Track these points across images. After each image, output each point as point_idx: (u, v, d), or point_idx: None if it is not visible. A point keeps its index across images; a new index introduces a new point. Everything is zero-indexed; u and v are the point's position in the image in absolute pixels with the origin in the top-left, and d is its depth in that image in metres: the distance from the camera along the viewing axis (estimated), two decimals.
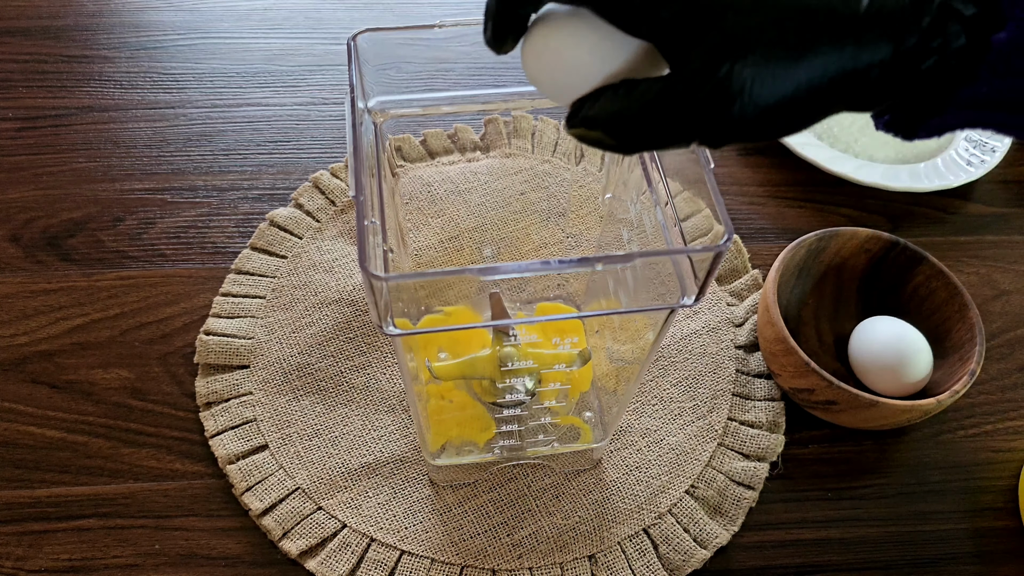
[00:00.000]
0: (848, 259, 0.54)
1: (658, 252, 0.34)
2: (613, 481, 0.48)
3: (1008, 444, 0.52)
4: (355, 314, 0.54)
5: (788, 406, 0.52)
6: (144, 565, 0.45)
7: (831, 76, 0.23)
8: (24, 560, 0.45)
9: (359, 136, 0.33)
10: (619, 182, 0.42)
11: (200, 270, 0.56)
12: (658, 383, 0.52)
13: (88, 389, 0.51)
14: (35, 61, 0.68)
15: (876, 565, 0.47)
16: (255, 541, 0.46)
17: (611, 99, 0.25)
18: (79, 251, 0.56)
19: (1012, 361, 0.56)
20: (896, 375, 0.49)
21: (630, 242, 0.41)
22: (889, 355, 0.49)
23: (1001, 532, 0.48)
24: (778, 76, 0.23)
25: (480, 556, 0.45)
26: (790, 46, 0.23)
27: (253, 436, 0.49)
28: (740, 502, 0.48)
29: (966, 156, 0.64)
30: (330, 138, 0.64)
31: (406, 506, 0.47)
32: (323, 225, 0.58)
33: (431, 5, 0.75)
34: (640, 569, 0.45)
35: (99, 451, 0.48)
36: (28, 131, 0.63)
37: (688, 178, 0.33)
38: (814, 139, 0.65)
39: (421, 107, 0.38)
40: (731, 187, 0.64)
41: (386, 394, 0.51)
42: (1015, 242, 0.62)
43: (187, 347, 0.52)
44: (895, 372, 0.49)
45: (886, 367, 0.49)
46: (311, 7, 0.74)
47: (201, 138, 0.64)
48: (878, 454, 0.51)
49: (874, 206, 0.63)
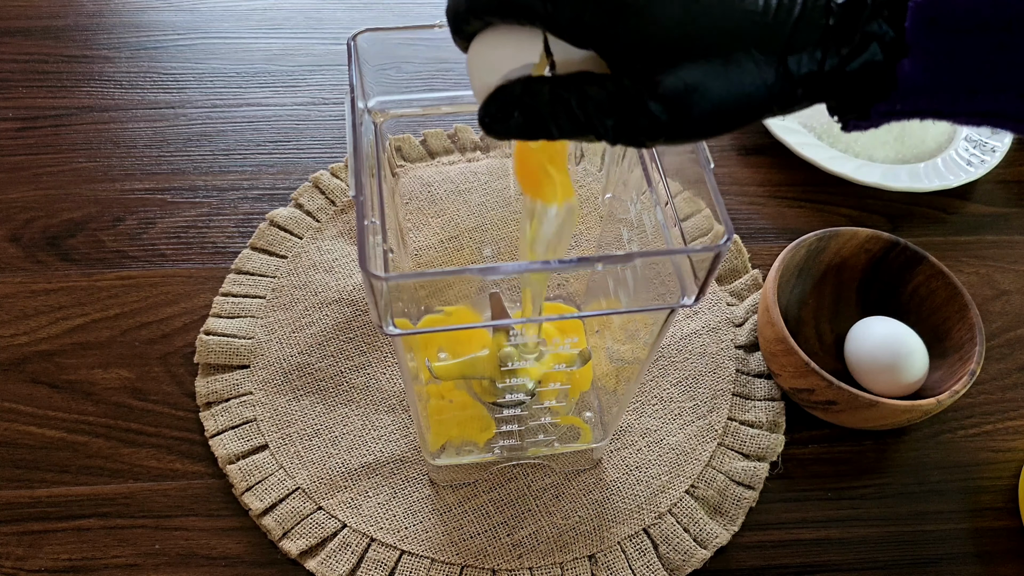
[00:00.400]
0: (848, 259, 0.54)
1: (658, 252, 0.34)
2: (613, 481, 0.48)
3: (1008, 444, 0.52)
4: (355, 314, 0.54)
5: (788, 406, 0.52)
6: (144, 565, 0.45)
7: (757, 87, 0.25)
8: (24, 560, 0.45)
9: (359, 136, 0.33)
10: (619, 182, 0.42)
11: (200, 270, 0.56)
12: (658, 383, 0.52)
13: (88, 389, 0.51)
14: (35, 61, 0.68)
15: (876, 565, 0.47)
16: (255, 541, 0.46)
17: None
18: (79, 251, 0.56)
19: (1012, 361, 0.56)
20: (891, 375, 0.49)
21: (630, 242, 0.41)
22: (884, 355, 0.49)
23: (1001, 532, 0.48)
24: (708, 85, 0.24)
25: (480, 556, 0.45)
26: (719, 59, 0.24)
27: (253, 436, 0.49)
28: (740, 502, 0.48)
29: (966, 156, 0.64)
30: (330, 138, 0.64)
31: (406, 506, 0.47)
32: (323, 225, 0.58)
33: (431, 5, 0.75)
34: (640, 569, 0.45)
35: (99, 451, 0.48)
36: (28, 131, 0.63)
37: (688, 178, 0.33)
38: (814, 139, 0.65)
39: (421, 107, 0.38)
40: (731, 187, 0.64)
41: (386, 394, 0.51)
42: (1015, 242, 0.62)
43: (187, 347, 0.52)
44: (890, 372, 0.49)
45: (882, 368, 0.49)
46: (311, 7, 0.74)
47: (201, 138, 0.64)
48: (878, 454, 0.51)
49: (874, 206, 0.63)
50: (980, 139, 0.65)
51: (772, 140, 0.65)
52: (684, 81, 0.24)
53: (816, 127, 0.66)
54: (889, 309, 0.54)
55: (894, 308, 0.54)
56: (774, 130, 0.64)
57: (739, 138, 0.67)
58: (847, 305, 0.55)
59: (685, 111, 0.25)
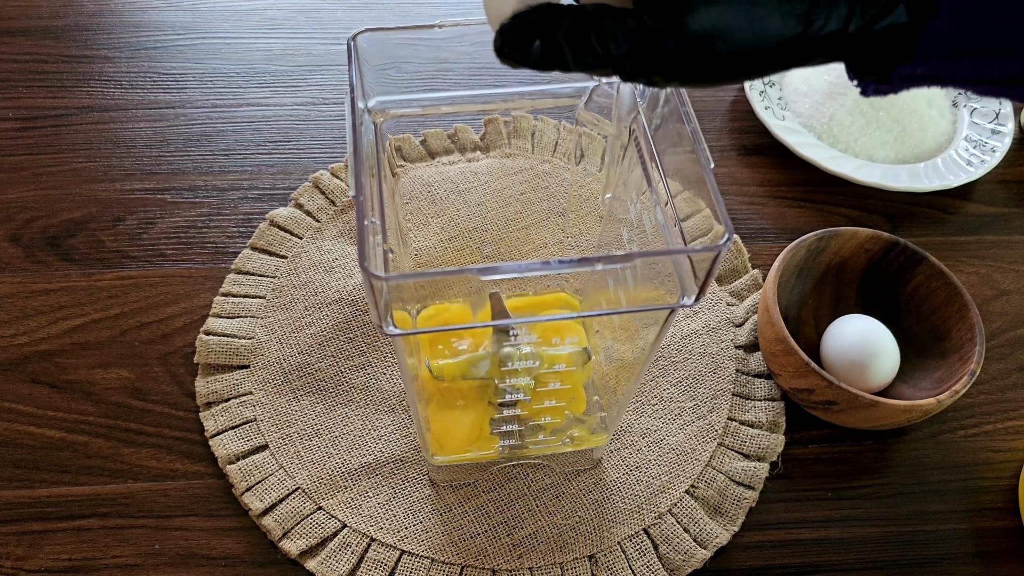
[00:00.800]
0: (848, 259, 0.54)
1: (658, 252, 0.34)
2: (613, 481, 0.48)
3: (1008, 444, 0.52)
4: (355, 314, 0.54)
5: (788, 406, 0.52)
6: (144, 565, 0.45)
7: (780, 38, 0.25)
8: (24, 560, 0.45)
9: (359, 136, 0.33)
10: (619, 182, 0.42)
11: (200, 270, 0.56)
12: (658, 383, 0.52)
13: (88, 389, 0.51)
14: (35, 61, 0.68)
15: (876, 565, 0.47)
16: (255, 541, 0.46)
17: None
18: (79, 251, 0.56)
19: (1012, 361, 0.56)
20: (861, 373, 0.49)
21: (630, 242, 0.41)
22: (854, 353, 0.50)
23: (1001, 532, 0.48)
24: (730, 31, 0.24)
25: (480, 556, 0.45)
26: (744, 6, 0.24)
27: (253, 436, 0.49)
28: (740, 502, 0.48)
29: (966, 156, 0.64)
30: (330, 138, 0.64)
31: (406, 506, 0.47)
32: (323, 225, 0.58)
33: (431, 5, 0.75)
34: (640, 569, 0.45)
35: (99, 451, 0.48)
36: (28, 131, 0.63)
37: (688, 178, 0.33)
38: (814, 139, 0.65)
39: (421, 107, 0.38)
40: (731, 187, 0.64)
41: (386, 394, 0.51)
42: (1015, 242, 0.62)
43: (187, 347, 0.52)
44: (860, 370, 0.49)
45: (852, 365, 0.49)
46: (311, 7, 0.74)
47: (201, 138, 0.64)
48: (878, 454, 0.51)
49: (874, 206, 0.63)
50: (980, 139, 0.65)
51: (772, 140, 0.65)
52: (706, 24, 0.24)
53: (816, 127, 0.66)
54: (889, 309, 0.54)
55: (894, 308, 0.54)
56: (774, 130, 0.64)
57: (739, 138, 0.67)
58: (847, 305, 0.55)
59: (704, 54, 0.25)
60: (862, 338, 0.50)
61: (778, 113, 0.66)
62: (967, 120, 0.67)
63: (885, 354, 0.49)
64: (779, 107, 0.67)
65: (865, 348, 0.49)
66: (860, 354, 0.49)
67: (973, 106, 0.68)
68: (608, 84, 0.37)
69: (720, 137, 0.67)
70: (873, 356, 0.49)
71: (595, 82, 0.37)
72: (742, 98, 0.69)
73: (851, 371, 0.50)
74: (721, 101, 0.70)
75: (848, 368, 0.50)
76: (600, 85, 0.37)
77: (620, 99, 0.38)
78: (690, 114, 0.33)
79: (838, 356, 0.50)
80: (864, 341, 0.50)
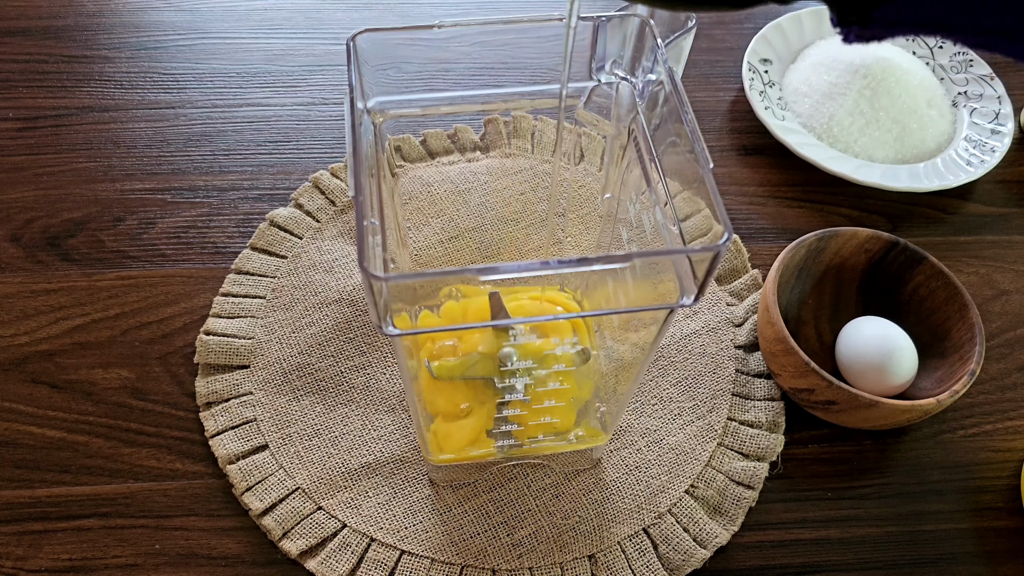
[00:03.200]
0: (848, 259, 0.54)
1: (657, 252, 0.34)
2: (613, 481, 0.48)
3: (1008, 444, 0.52)
4: (355, 314, 0.54)
5: (788, 406, 0.52)
6: (144, 565, 0.45)
7: None
8: (24, 560, 0.45)
9: (359, 136, 0.33)
10: (618, 182, 0.42)
11: (200, 270, 0.56)
12: (658, 383, 0.52)
13: (88, 389, 0.51)
14: (35, 61, 0.68)
15: (876, 565, 0.47)
16: (255, 541, 0.46)
17: None
18: (79, 251, 0.57)
19: (1012, 361, 0.56)
20: (879, 376, 0.49)
21: (629, 242, 0.41)
22: (873, 356, 0.49)
23: (1002, 532, 0.48)
24: None
25: (480, 556, 0.45)
26: None
27: (253, 436, 0.49)
28: (740, 502, 0.48)
29: (966, 156, 0.64)
30: (330, 138, 0.64)
31: (406, 506, 0.47)
32: (323, 225, 0.58)
33: (431, 5, 0.75)
34: (640, 569, 0.45)
35: (99, 451, 0.48)
36: (28, 131, 0.63)
37: (687, 178, 0.33)
38: (814, 139, 0.65)
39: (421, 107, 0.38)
40: (731, 187, 0.64)
41: (386, 394, 0.51)
42: (1015, 242, 0.62)
43: (187, 347, 0.52)
44: (878, 373, 0.49)
45: (870, 367, 0.49)
46: (311, 7, 0.74)
47: (201, 138, 0.64)
48: (878, 454, 0.51)
49: (874, 206, 0.63)
50: (980, 139, 0.65)
51: (772, 140, 0.65)
52: None
53: (816, 127, 0.66)
54: (889, 309, 0.54)
55: (894, 308, 0.54)
56: (774, 130, 0.64)
57: (739, 138, 0.67)
58: (847, 305, 0.55)
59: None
60: (880, 341, 0.50)
61: (778, 113, 0.66)
62: (967, 120, 0.67)
63: (903, 355, 0.49)
64: (779, 107, 0.67)
65: (883, 350, 0.49)
66: (879, 356, 0.49)
67: (973, 106, 0.68)
68: (607, 84, 0.37)
69: (720, 137, 0.67)
70: (890, 357, 0.49)
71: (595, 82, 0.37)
72: (742, 98, 0.69)
73: (868, 374, 0.49)
74: (721, 101, 0.70)
75: (865, 371, 0.49)
76: (600, 85, 0.37)
77: (619, 99, 0.38)
78: (689, 114, 0.33)
79: (855, 359, 0.50)
80: (882, 344, 0.49)
